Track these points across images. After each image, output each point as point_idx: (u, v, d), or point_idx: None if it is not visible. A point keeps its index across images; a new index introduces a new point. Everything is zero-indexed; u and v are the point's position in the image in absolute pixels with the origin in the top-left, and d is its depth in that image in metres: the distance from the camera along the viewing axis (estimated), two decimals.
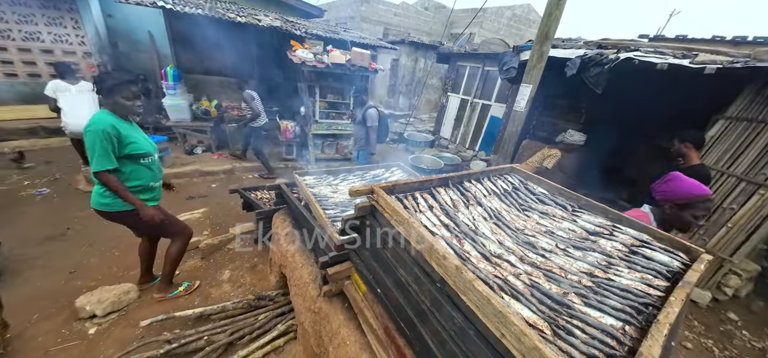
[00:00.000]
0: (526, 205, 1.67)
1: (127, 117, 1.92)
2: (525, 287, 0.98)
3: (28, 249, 2.79)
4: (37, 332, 1.99)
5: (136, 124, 2.02)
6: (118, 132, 1.79)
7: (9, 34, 4.98)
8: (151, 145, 2.02)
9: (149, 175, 2.01)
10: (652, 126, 4.92)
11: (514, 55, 5.02)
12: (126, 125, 1.89)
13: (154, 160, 2.05)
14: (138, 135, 1.96)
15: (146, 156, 1.96)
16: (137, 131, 1.98)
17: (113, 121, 1.80)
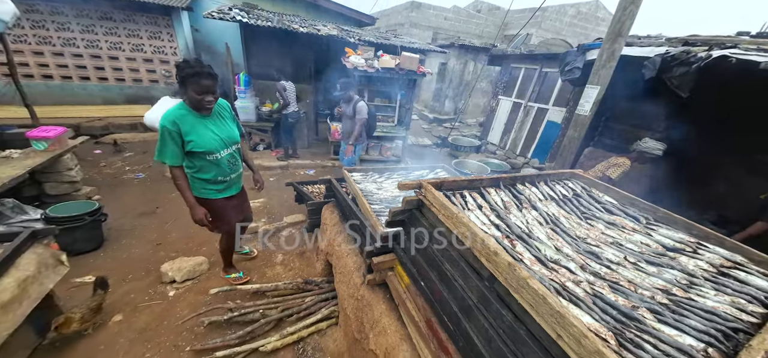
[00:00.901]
0: (590, 213, 1.53)
1: (202, 110, 1.77)
2: (586, 295, 0.92)
3: (126, 221, 3.36)
4: (130, 290, 2.39)
5: (219, 118, 1.91)
6: (179, 129, 1.71)
7: (120, 46, 6.09)
8: (218, 142, 1.87)
9: (216, 170, 1.92)
10: (750, 138, 4.10)
11: (579, 55, 4.62)
12: (196, 120, 1.78)
13: (221, 157, 1.90)
14: (203, 132, 1.80)
15: (210, 154, 1.84)
16: (208, 127, 1.83)
17: (178, 117, 1.71)
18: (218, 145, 1.87)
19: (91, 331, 1.98)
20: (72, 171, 3.30)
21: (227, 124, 1.95)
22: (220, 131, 1.88)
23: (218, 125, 1.89)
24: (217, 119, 1.90)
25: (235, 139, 1.98)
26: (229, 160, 1.97)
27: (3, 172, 2.63)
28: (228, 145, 1.94)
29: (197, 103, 1.73)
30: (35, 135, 3.07)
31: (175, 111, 1.73)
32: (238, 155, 2.09)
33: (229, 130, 1.94)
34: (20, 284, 1.54)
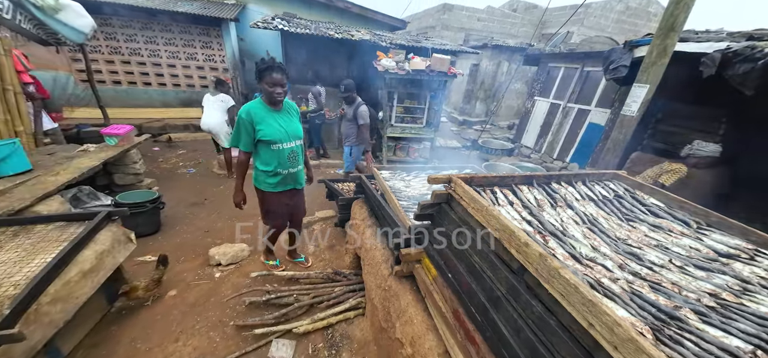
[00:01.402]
0: (632, 215, 1.46)
1: (273, 101, 2.00)
2: (623, 291, 0.89)
3: (179, 210, 3.74)
4: (182, 269, 2.67)
5: (287, 112, 2.12)
6: (252, 119, 1.94)
7: (177, 55, 6.77)
8: (283, 134, 2.06)
9: (277, 161, 2.09)
10: None
11: (626, 52, 4.32)
12: (267, 113, 2.00)
13: (284, 148, 2.08)
14: (274, 123, 2.02)
15: (274, 143, 2.03)
16: (277, 120, 2.04)
17: (253, 108, 1.96)
18: (282, 137, 2.06)
19: (151, 303, 2.24)
20: (136, 164, 3.74)
21: (293, 121, 2.15)
22: (286, 125, 2.08)
23: (285, 120, 2.10)
24: (286, 115, 2.12)
25: (298, 134, 2.17)
26: (290, 154, 2.14)
27: (83, 163, 3.06)
28: (291, 139, 2.12)
29: (269, 95, 1.96)
30: (108, 132, 3.53)
31: (252, 104, 2.00)
32: (300, 151, 2.24)
33: (294, 126, 2.15)
34: (98, 256, 1.81)
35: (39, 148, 3.58)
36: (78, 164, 3.00)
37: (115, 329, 2.01)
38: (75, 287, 1.63)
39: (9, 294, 1.43)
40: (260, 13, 7.29)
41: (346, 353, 2.07)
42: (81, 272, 1.67)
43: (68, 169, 2.89)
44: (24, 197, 2.41)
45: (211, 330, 2.06)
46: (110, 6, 5.72)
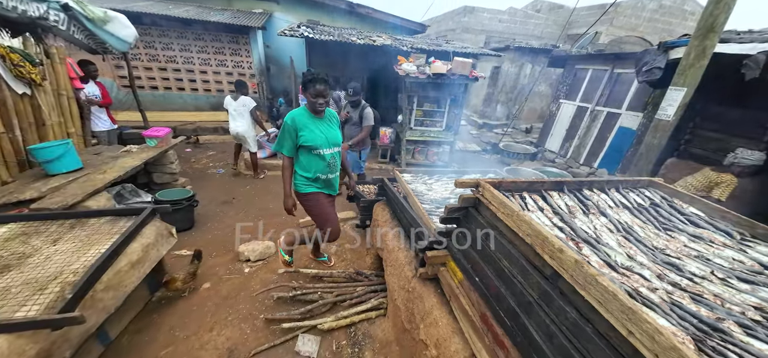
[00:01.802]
0: (670, 224, 1.41)
1: (315, 110, 2.09)
2: (662, 302, 0.87)
3: (210, 208, 3.94)
4: (215, 264, 2.82)
5: (328, 121, 2.21)
6: (295, 125, 2.04)
7: (208, 62, 7.16)
8: (324, 140, 2.13)
9: (318, 166, 2.17)
10: None
11: (660, 54, 4.13)
12: (310, 120, 2.10)
13: (325, 154, 2.15)
14: (316, 130, 2.10)
15: (315, 148, 2.11)
16: (318, 127, 2.13)
17: (297, 115, 2.07)
18: (323, 143, 2.14)
19: (187, 294, 2.39)
20: (173, 164, 3.99)
21: (333, 129, 2.23)
22: (327, 132, 2.16)
23: (326, 127, 2.18)
24: (327, 123, 2.20)
25: (337, 141, 2.24)
26: (330, 160, 2.20)
27: (126, 162, 3.31)
28: (331, 145, 2.19)
29: (312, 105, 2.07)
30: (149, 134, 3.79)
31: (297, 112, 2.10)
32: (338, 158, 2.30)
33: (334, 134, 2.22)
34: (144, 249, 1.96)
35: (87, 148, 3.90)
36: (122, 164, 3.24)
37: (155, 317, 2.16)
38: (124, 276, 1.78)
39: (69, 281, 1.58)
40: (285, 20, 7.57)
41: (369, 353, 2.11)
42: (130, 263, 1.82)
43: (114, 168, 3.13)
44: (76, 192, 2.64)
45: (243, 322, 2.17)
46: (150, 16, 6.14)
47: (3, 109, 2.84)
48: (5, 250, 1.80)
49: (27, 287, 1.55)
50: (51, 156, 2.91)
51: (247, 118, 4.61)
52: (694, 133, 4.63)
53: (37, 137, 3.22)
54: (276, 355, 1.98)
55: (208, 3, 7.55)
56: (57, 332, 1.41)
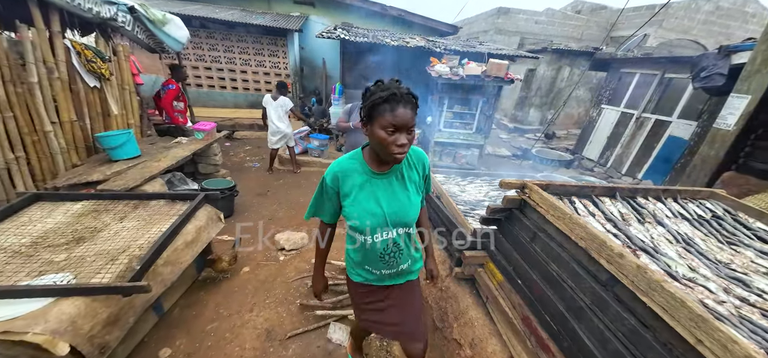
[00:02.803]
0: (735, 238, 1.30)
1: (388, 159, 1.07)
2: (731, 315, 0.82)
3: (247, 199, 4.17)
4: (253, 251, 2.98)
5: (399, 180, 1.18)
6: (338, 187, 1.16)
7: (249, 62, 7.57)
8: (376, 219, 1.14)
9: (363, 256, 1.25)
10: None
11: (721, 59, 3.80)
12: (360, 180, 1.15)
13: (375, 242, 1.18)
14: (363, 199, 1.14)
15: (360, 232, 1.17)
16: (375, 191, 1.15)
17: (342, 170, 1.15)
18: (374, 223, 1.14)
19: (229, 276, 2.55)
20: (216, 156, 4.27)
21: (403, 194, 1.17)
22: (387, 202, 1.15)
23: (388, 192, 1.16)
24: (395, 182, 1.17)
25: (405, 219, 1.17)
26: (386, 249, 1.20)
27: (178, 153, 3.59)
28: (391, 226, 1.16)
29: (382, 147, 1.02)
30: (197, 128, 4.09)
31: (343, 162, 1.18)
32: (408, 243, 1.25)
33: (401, 203, 1.16)
34: (197, 230, 2.12)
35: (143, 138, 4.28)
36: (174, 154, 3.53)
37: (202, 294, 2.34)
38: (180, 254, 1.94)
39: (136, 254, 1.76)
40: (321, 23, 7.82)
41: (397, 347, 2.13)
42: (185, 242, 1.98)
43: (167, 157, 3.42)
44: (136, 177, 2.92)
45: (279, 306, 2.28)
46: (199, 19, 6.61)
47: (77, 99, 3.19)
48: (80, 224, 2.03)
49: (100, 257, 1.74)
50: (115, 144, 3.23)
51: (284, 118, 4.83)
52: (756, 146, 4.19)
53: (103, 126, 3.58)
54: (309, 339, 2.06)
55: (250, 7, 8.00)
56: (126, 299, 1.58)
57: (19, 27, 2.61)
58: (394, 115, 0.98)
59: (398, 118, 0.98)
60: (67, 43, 2.98)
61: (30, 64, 2.67)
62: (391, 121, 0.98)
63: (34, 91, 2.73)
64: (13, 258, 1.67)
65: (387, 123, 0.99)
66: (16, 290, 1.40)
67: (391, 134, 1.00)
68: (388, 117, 0.98)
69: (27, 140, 2.77)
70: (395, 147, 1.01)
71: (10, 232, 1.87)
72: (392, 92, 0.98)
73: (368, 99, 1.03)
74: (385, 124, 0.99)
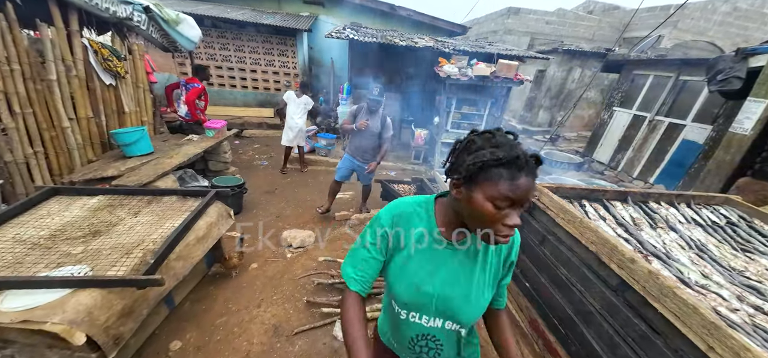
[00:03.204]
0: (750, 246, 1.27)
1: (487, 240, 0.74)
2: (744, 323, 0.81)
3: (256, 196, 4.23)
4: (260, 247, 3.02)
5: (472, 258, 0.83)
6: (399, 238, 0.84)
7: (259, 61, 7.66)
8: (426, 298, 0.82)
9: (389, 323, 0.99)
10: None
11: (739, 61, 3.71)
12: (428, 248, 0.83)
13: (409, 321, 0.86)
14: (418, 267, 0.82)
15: (403, 308, 0.86)
16: (439, 264, 0.82)
17: (406, 216, 0.84)
18: (421, 304, 0.84)
19: (238, 272, 2.60)
20: (226, 154, 4.34)
21: (472, 280, 0.82)
22: (442, 283, 0.82)
23: (455, 270, 0.83)
24: (469, 260, 0.83)
25: (458, 314, 0.83)
26: (418, 340, 0.89)
27: (189, 150, 3.66)
28: (435, 315, 0.84)
29: (485, 223, 0.71)
30: (209, 126, 4.16)
31: (406, 206, 0.86)
32: (456, 345, 0.90)
33: (464, 291, 0.82)
34: (208, 226, 2.17)
35: (156, 135, 4.37)
36: (186, 151, 3.60)
37: (212, 289, 2.39)
38: (192, 249, 1.98)
39: (150, 248, 1.81)
40: (330, 23, 7.86)
41: None
42: (196, 238, 2.02)
43: (179, 154, 3.49)
44: (149, 173, 2.98)
45: (286, 302, 2.31)
46: (210, 19, 6.71)
47: (93, 97, 3.28)
48: (96, 218, 2.09)
49: (115, 250, 1.79)
50: (129, 140, 3.31)
51: (304, 116, 4.88)
52: None
53: (118, 123, 3.67)
54: (315, 336, 2.09)
55: (261, 7, 8.08)
56: (140, 291, 1.62)
57: (40, 26, 2.69)
58: (515, 186, 0.66)
59: (520, 190, 0.67)
60: (84, 41, 3.06)
61: (49, 61, 2.76)
62: (509, 193, 0.66)
63: (52, 89, 2.82)
64: (33, 250, 1.72)
65: (502, 195, 0.67)
66: (36, 281, 1.46)
67: (503, 210, 0.68)
68: (506, 187, 0.66)
69: (45, 136, 2.85)
70: (504, 227, 0.70)
71: (29, 224, 1.94)
72: (516, 155, 0.66)
73: (475, 155, 0.70)
74: (497, 196, 0.67)
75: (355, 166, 3.55)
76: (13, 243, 1.75)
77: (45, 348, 1.43)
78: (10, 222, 1.93)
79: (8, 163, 2.62)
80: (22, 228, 1.88)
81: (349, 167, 3.58)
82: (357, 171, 3.61)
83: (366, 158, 3.45)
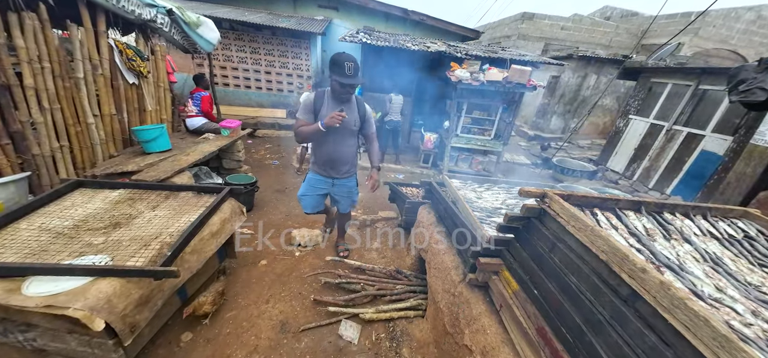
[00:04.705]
0: (767, 261, 1.24)
1: None
2: (758, 338, 0.79)
3: (266, 195, 4.31)
4: (269, 244, 3.08)
5: None
6: None
7: (273, 63, 7.84)
8: None
9: None
10: None
11: (762, 71, 3.58)
12: None
13: None
14: None
15: None
16: None
17: None
18: None
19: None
20: (240, 153, 4.45)
21: None
22: None
23: None
24: None
25: None
26: None
27: (205, 148, 3.77)
28: None
29: None
30: (224, 125, 4.28)
31: None
32: None
33: None
34: (222, 222, 2.23)
35: (174, 133, 4.52)
36: (202, 149, 3.70)
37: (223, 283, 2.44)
38: (206, 243, 2.04)
39: (167, 241, 1.87)
40: (344, 27, 7.99)
41: (406, 349, 2.14)
42: (210, 233, 2.09)
43: (195, 151, 3.59)
44: (166, 169, 3.08)
45: (293, 299, 2.35)
46: (229, 22, 6.91)
47: (117, 95, 3.42)
48: (117, 210, 2.18)
49: (134, 242, 1.86)
50: (149, 137, 3.44)
51: None
52: None
53: (139, 121, 3.81)
54: (321, 334, 2.12)
55: (277, 10, 8.28)
56: (156, 282, 1.68)
57: (69, 26, 2.83)
58: None
59: None
60: (110, 42, 3.21)
61: (77, 60, 2.90)
62: None
63: (79, 86, 2.96)
64: (57, 239, 1.81)
65: None
66: (60, 268, 1.53)
67: None
68: None
69: (71, 131, 2.99)
70: None
71: (55, 214, 2.03)
72: None
73: None
74: None
75: (329, 188, 2.50)
76: (40, 231, 1.84)
77: (65, 333, 1.50)
78: (37, 211, 2.03)
79: (36, 155, 2.76)
80: (48, 218, 1.98)
81: (321, 191, 2.50)
82: (334, 196, 2.57)
83: (345, 171, 2.47)
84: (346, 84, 2.07)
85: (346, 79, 2.04)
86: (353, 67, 2.07)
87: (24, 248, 1.68)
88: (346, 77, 2.04)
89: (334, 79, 2.06)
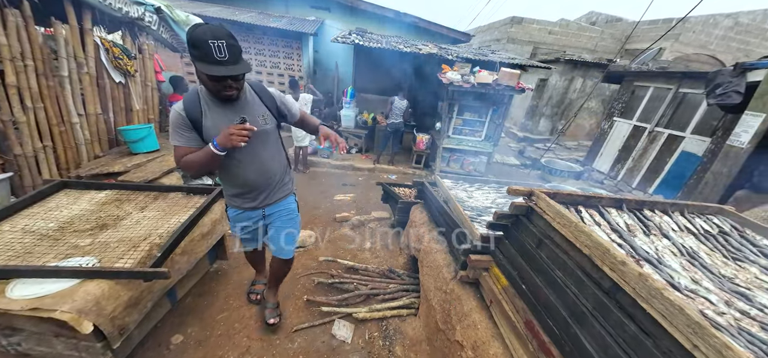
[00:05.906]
0: (740, 254, 1.31)
1: None
2: (730, 325, 0.84)
3: None
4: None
5: None
6: None
7: (264, 63, 7.76)
8: None
9: None
10: None
11: (737, 75, 3.76)
12: None
13: None
14: None
15: None
16: None
17: None
18: None
19: (239, 268, 2.63)
20: None
21: None
22: None
23: None
24: None
25: None
26: None
27: None
28: None
29: None
30: None
31: None
32: None
33: None
34: (212, 223, 2.21)
35: (161, 133, 4.43)
36: None
37: (214, 285, 2.42)
38: (196, 244, 2.03)
39: (156, 243, 1.85)
40: (336, 27, 7.98)
41: (399, 347, 2.17)
42: (201, 234, 2.07)
43: None
44: (154, 170, 3.04)
45: (286, 300, 2.35)
46: (219, 20, 6.82)
47: (102, 94, 3.35)
48: (104, 212, 2.13)
49: (122, 243, 1.83)
50: (136, 137, 3.37)
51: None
52: None
53: (125, 120, 3.73)
54: (314, 334, 2.12)
55: (268, 10, 8.21)
56: (146, 284, 1.66)
57: (54, 23, 2.76)
58: None
59: None
60: (96, 40, 3.14)
61: (62, 58, 2.82)
62: None
63: (64, 84, 2.88)
64: (42, 241, 1.77)
65: None
66: (46, 270, 1.50)
67: None
68: None
69: (54, 131, 2.91)
70: None
71: (38, 216, 1.98)
72: None
73: None
74: None
75: (259, 222, 1.82)
76: (23, 234, 1.79)
77: (52, 337, 1.47)
78: (20, 213, 1.97)
79: (18, 156, 2.67)
80: (31, 220, 1.93)
81: (250, 223, 1.81)
82: (269, 230, 1.87)
83: (277, 192, 1.78)
84: (220, 76, 1.24)
85: (217, 69, 1.22)
86: (225, 47, 1.20)
87: (7, 251, 1.63)
88: (217, 64, 1.21)
89: (200, 71, 1.23)
